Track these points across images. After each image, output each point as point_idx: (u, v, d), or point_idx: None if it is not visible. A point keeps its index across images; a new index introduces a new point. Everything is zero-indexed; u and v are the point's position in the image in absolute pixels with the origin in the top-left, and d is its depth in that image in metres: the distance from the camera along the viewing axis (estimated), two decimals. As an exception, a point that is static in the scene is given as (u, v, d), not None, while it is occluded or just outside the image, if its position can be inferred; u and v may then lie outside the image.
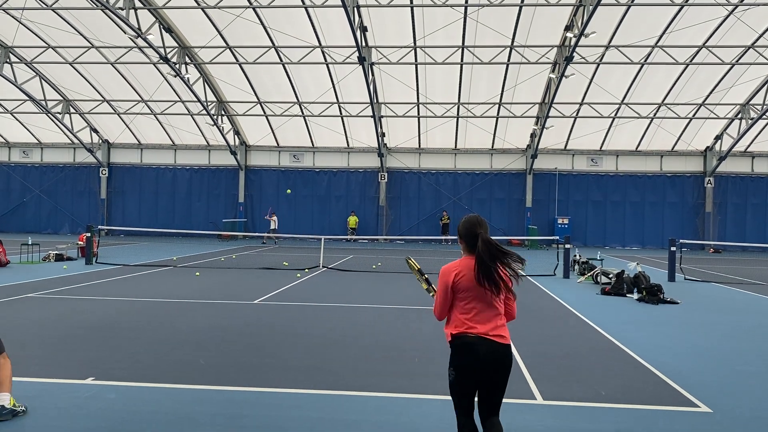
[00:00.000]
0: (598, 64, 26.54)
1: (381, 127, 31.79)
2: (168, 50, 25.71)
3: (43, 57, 28.61)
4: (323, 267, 18.97)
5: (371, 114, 30.05)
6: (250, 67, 28.62)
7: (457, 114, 31.19)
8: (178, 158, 36.01)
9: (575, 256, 19.76)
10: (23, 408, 5.47)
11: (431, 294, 4.43)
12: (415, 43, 25.77)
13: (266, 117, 32.72)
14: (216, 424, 5.34)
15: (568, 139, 32.89)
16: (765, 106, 27.56)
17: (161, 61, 25.85)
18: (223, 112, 32.11)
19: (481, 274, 3.82)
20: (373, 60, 26.64)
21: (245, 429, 5.23)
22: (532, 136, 32.32)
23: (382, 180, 34.33)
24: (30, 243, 19.70)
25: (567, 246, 18.10)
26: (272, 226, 31.11)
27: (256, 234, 30.16)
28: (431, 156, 34.45)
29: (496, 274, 3.84)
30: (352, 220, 33.61)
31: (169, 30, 25.65)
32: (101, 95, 31.89)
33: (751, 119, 28.86)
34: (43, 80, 30.64)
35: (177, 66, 26.42)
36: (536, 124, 31.08)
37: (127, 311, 10.65)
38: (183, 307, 11.18)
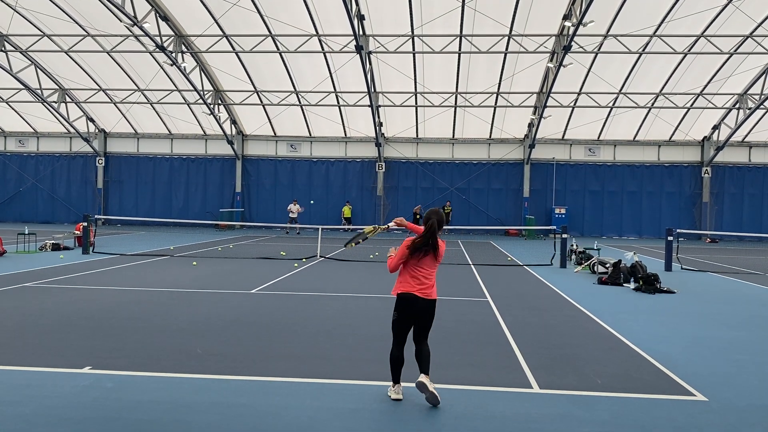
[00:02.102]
0: (597, 54, 26.47)
1: (378, 117, 31.72)
2: (164, 39, 25.56)
3: (39, 45, 28.41)
4: (320, 257, 18.98)
5: (369, 103, 29.96)
6: (246, 56, 28.49)
7: (455, 103, 31.12)
8: (175, 148, 35.91)
9: (572, 245, 19.79)
10: None
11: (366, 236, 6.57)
12: (412, 32, 25.66)
13: (263, 106, 32.61)
14: (214, 412, 5.35)
15: (566, 128, 32.86)
16: (763, 96, 27.56)
17: (157, 49, 25.71)
18: (219, 102, 31.99)
19: (423, 240, 5.72)
20: (371, 49, 26.52)
21: (243, 418, 5.24)
22: (530, 125, 32.29)
23: (380, 170, 34.29)
24: (26, 232, 19.67)
25: (564, 236, 18.12)
26: (293, 215, 31.21)
27: (254, 224, 30.14)
28: (429, 146, 34.40)
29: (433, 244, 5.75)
30: (347, 210, 33.59)
31: (166, 18, 25.49)
32: (97, 84, 31.74)
33: (749, 109, 28.85)
34: (38, 69, 30.47)
35: (173, 55, 26.28)
36: (534, 113, 31.04)
37: (124, 301, 10.65)
38: (180, 297, 11.19)
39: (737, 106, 30.02)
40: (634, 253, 14.94)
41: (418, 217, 32.27)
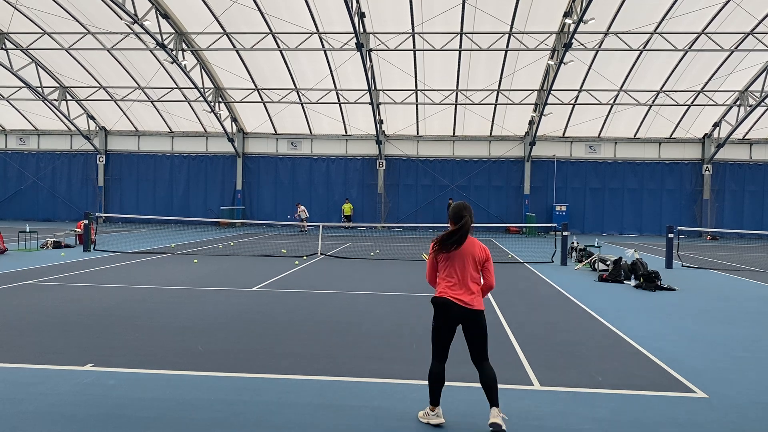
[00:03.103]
0: (597, 51, 26.45)
1: (379, 114, 31.71)
2: (165, 36, 25.56)
3: (39, 43, 28.42)
4: (321, 254, 18.99)
5: (369, 101, 29.96)
6: (247, 54, 28.48)
7: (456, 101, 31.10)
8: (176, 145, 35.91)
9: (573, 243, 19.79)
10: None
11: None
12: (413, 29, 25.64)
13: (264, 104, 32.60)
14: (215, 410, 5.36)
15: (567, 126, 32.84)
16: (764, 93, 27.54)
17: (158, 47, 25.70)
18: (220, 99, 31.98)
19: (454, 239, 4.92)
20: (371, 46, 26.51)
21: (244, 415, 5.25)
22: (531, 123, 32.27)
23: (381, 167, 34.29)
24: (28, 230, 19.68)
25: (565, 233, 18.13)
26: (302, 216, 31.39)
27: (255, 221, 30.17)
28: (429, 143, 34.39)
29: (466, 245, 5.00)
30: (347, 208, 33.60)
31: (166, 16, 25.48)
32: (98, 82, 31.73)
33: (750, 106, 28.83)
34: (39, 67, 30.48)
35: (174, 52, 26.27)
36: (535, 111, 31.01)
37: (125, 298, 10.66)
38: (181, 294, 11.20)
39: (738, 103, 29.99)
40: (634, 251, 14.94)
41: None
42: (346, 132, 34.48)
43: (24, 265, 14.97)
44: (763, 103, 28.33)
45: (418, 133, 34.16)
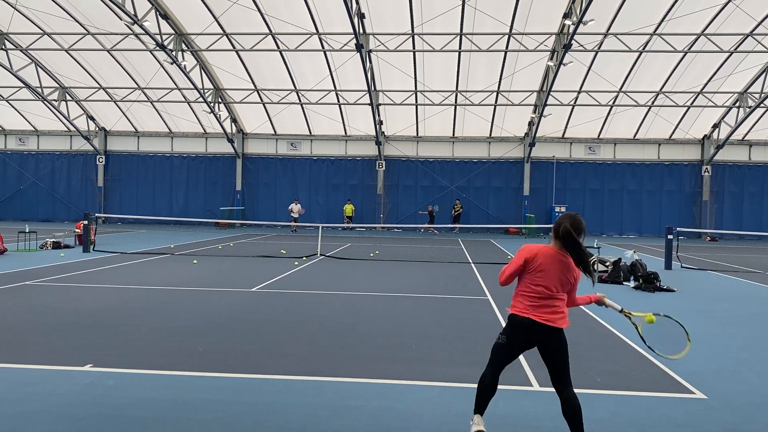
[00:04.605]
0: (597, 52, 26.47)
1: (379, 115, 31.72)
2: (164, 37, 25.57)
3: (39, 44, 28.42)
4: (321, 255, 18.99)
5: (369, 102, 29.97)
6: (247, 54, 28.49)
7: (455, 102, 31.12)
8: (175, 146, 35.91)
9: (572, 244, 19.73)
10: None
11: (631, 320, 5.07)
12: (413, 30, 25.65)
13: (263, 104, 32.61)
14: (215, 410, 5.36)
15: (566, 127, 32.86)
16: (763, 95, 27.55)
17: (158, 48, 25.70)
18: (220, 100, 31.99)
19: (575, 258, 4.40)
20: (371, 47, 26.53)
21: (244, 415, 5.26)
22: (530, 124, 32.29)
23: (380, 168, 34.30)
24: (27, 231, 19.69)
25: (564, 234, 18.08)
26: (295, 216, 31.29)
27: (254, 222, 30.15)
28: (429, 144, 34.40)
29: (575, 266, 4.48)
30: (348, 209, 33.60)
31: (166, 16, 25.49)
32: (97, 82, 31.74)
33: (749, 107, 28.85)
34: (38, 67, 30.48)
35: (173, 53, 26.28)
36: (534, 112, 31.03)
37: (124, 299, 10.66)
38: (181, 295, 11.20)
39: (737, 104, 30.01)
40: (634, 252, 14.96)
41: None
42: (345, 133, 34.49)
43: (23, 266, 14.98)
44: (762, 105, 28.35)
45: (417, 134, 34.18)
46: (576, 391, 6.06)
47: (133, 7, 22.62)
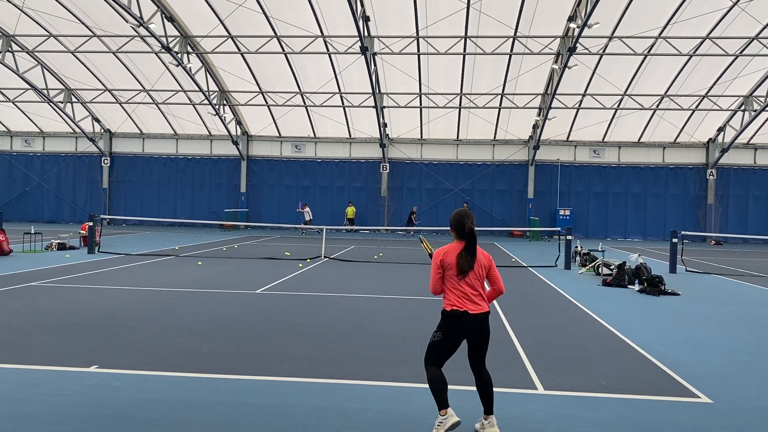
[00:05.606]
0: (601, 55, 26.45)
1: (383, 118, 31.75)
2: (170, 39, 25.65)
3: (45, 46, 28.54)
4: (325, 257, 19.01)
5: (373, 104, 30.01)
6: (252, 57, 28.56)
7: (460, 105, 31.13)
8: (180, 148, 36.02)
9: (577, 247, 19.78)
10: None
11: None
12: (417, 33, 25.68)
13: (268, 107, 32.68)
14: (220, 411, 5.38)
15: (571, 130, 32.83)
16: (768, 98, 27.48)
17: (163, 50, 25.79)
18: (224, 102, 32.07)
19: (466, 253, 4.81)
20: (376, 50, 26.56)
21: (249, 417, 5.27)
22: (535, 127, 32.26)
23: (384, 171, 34.32)
24: (33, 232, 19.74)
25: (568, 237, 18.12)
26: (306, 218, 31.45)
27: (258, 224, 30.22)
28: (433, 147, 34.42)
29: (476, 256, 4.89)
30: (350, 211, 33.61)
31: (171, 19, 25.57)
32: (103, 84, 31.86)
33: (754, 111, 28.79)
34: (44, 69, 30.60)
35: (179, 55, 26.37)
36: (539, 115, 31.02)
37: (129, 300, 10.69)
38: (185, 296, 11.23)
39: (742, 108, 29.95)
40: (638, 255, 14.93)
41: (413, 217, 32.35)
42: (350, 135, 34.53)
43: (29, 267, 15.03)
44: (767, 108, 28.27)
45: (421, 136, 34.19)
46: (579, 394, 6.10)
47: (138, 9, 22.71)
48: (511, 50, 26.43)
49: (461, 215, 4.90)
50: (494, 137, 33.80)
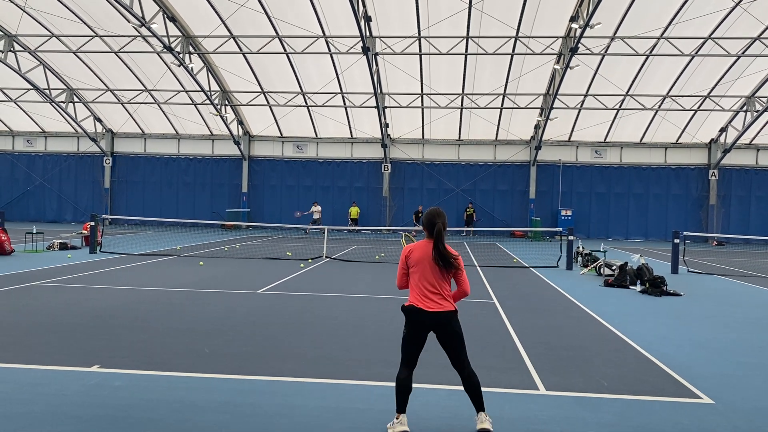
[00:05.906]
0: (603, 56, 26.42)
1: (385, 118, 31.74)
2: (172, 39, 25.67)
3: (47, 46, 28.57)
4: (327, 257, 19.01)
5: (375, 104, 30.02)
6: (253, 57, 28.58)
7: (461, 105, 31.12)
8: (182, 148, 36.04)
9: (578, 247, 19.76)
10: None
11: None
12: (419, 33, 25.68)
13: (270, 107, 32.69)
14: (221, 411, 5.38)
15: (573, 130, 32.81)
16: (770, 99, 27.45)
17: (165, 50, 25.81)
18: (226, 102, 32.09)
19: (435, 253, 4.89)
20: (377, 50, 26.55)
21: (251, 417, 5.27)
22: (536, 127, 32.25)
23: (386, 171, 34.32)
24: (34, 232, 19.76)
25: (570, 238, 18.10)
26: (315, 216, 31.53)
27: (260, 224, 30.23)
28: (435, 147, 34.41)
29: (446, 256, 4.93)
30: (354, 211, 33.61)
31: (173, 19, 25.59)
32: (105, 84, 31.89)
33: (757, 111, 28.74)
34: (46, 69, 30.64)
35: (181, 55, 26.39)
36: (540, 115, 31.00)
37: (131, 300, 10.70)
38: (187, 296, 11.23)
39: (745, 108, 29.91)
40: (640, 256, 14.91)
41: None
42: (351, 135, 34.54)
43: (31, 267, 15.05)
44: (769, 109, 28.25)
45: (423, 136, 34.19)
46: (581, 394, 6.09)
47: (140, 9, 22.72)
48: (513, 50, 26.42)
49: (433, 214, 4.98)
50: (496, 137, 33.79)
